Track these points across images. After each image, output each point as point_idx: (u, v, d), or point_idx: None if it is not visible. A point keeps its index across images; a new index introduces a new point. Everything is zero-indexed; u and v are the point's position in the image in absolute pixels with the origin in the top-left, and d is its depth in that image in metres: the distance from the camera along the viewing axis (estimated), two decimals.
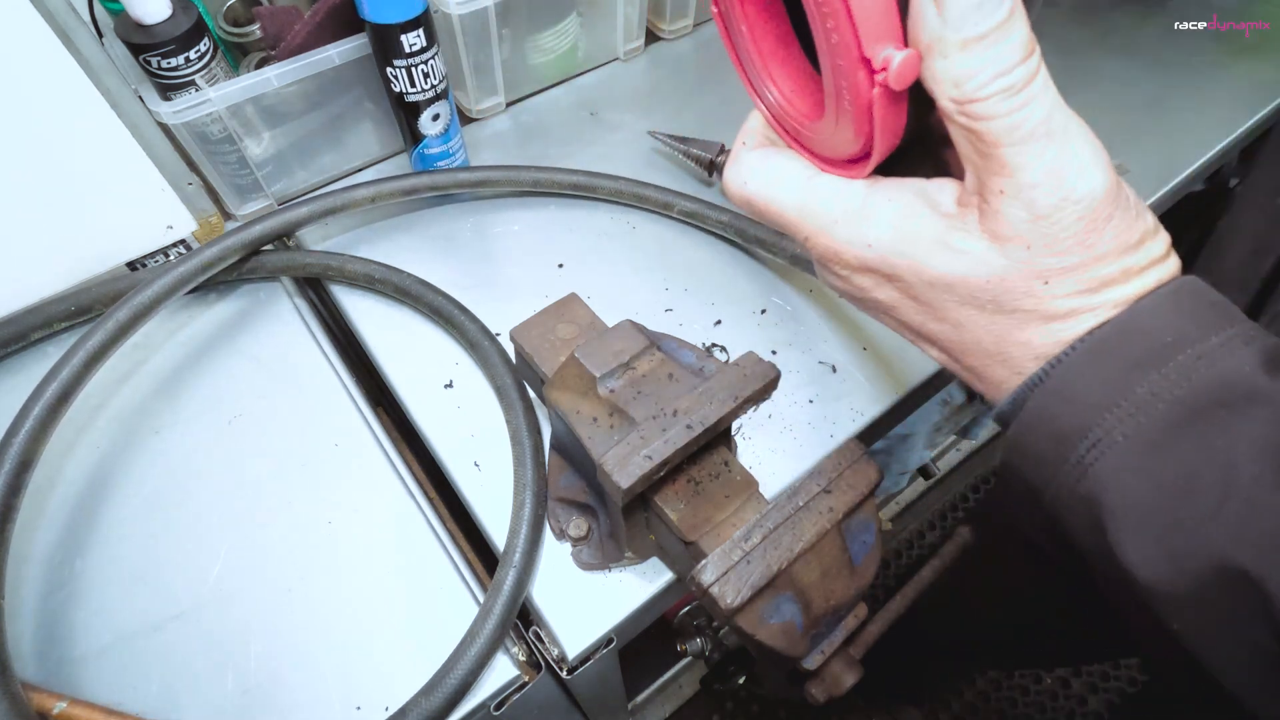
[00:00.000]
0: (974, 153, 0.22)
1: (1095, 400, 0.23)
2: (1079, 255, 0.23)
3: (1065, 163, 0.22)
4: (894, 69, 0.21)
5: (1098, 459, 0.23)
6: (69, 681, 0.44)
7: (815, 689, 0.43)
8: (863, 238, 0.26)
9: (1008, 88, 0.21)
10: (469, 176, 0.64)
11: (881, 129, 0.24)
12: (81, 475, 0.52)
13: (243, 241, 0.57)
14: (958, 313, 0.26)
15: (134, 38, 0.55)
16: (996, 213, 0.23)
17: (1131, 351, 0.23)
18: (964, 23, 0.20)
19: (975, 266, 0.24)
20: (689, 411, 0.39)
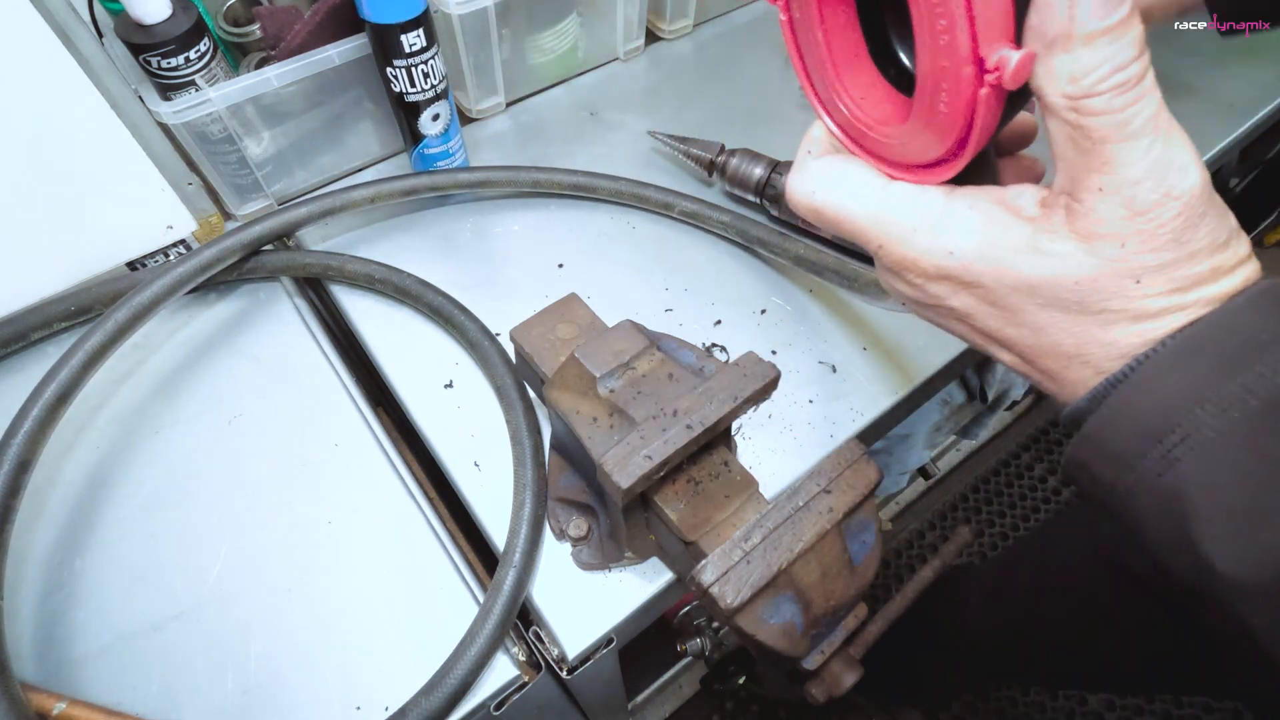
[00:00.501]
0: (1074, 150, 0.23)
1: (1185, 396, 0.23)
2: (1173, 252, 0.23)
3: (1169, 159, 0.22)
4: (1010, 69, 0.21)
5: (1186, 454, 0.23)
6: (69, 681, 0.44)
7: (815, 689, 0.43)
8: (944, 246, 0.26)
9: (1123, 82, 0.21)
10: (469, 177, 0.64)
11: (979, 131, 0.24)
12: (81, 475, 0.52)
13: (241, 242, 0.57)
14: (1039, 316, 0.26)
15: (134, 38, 0.55)
16: (1091, 210, 0.23)
17: (1224, 349, 0.23)
18: (1091, 17, 0.20)
19: (1065, 268, 0.24)
20: (689, 411, 0.39)
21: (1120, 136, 0.22)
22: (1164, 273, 0.23)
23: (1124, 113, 0.21)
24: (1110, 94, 0.21)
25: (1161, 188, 0.22)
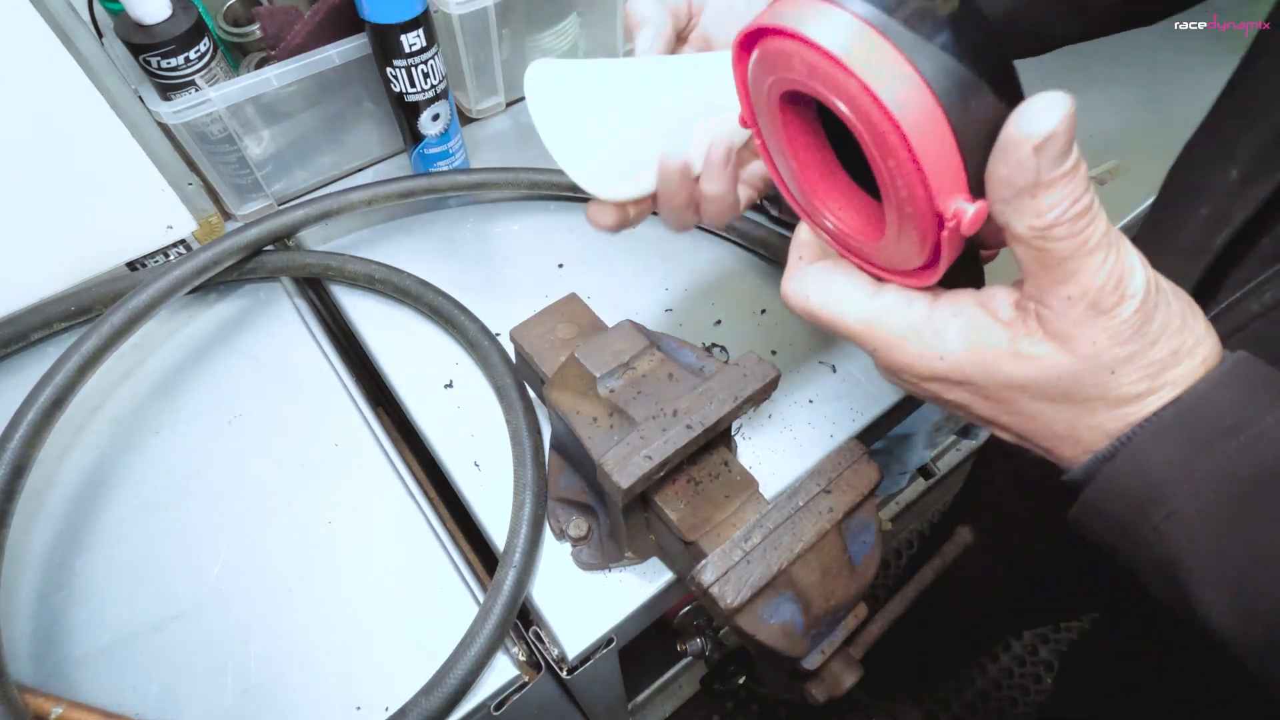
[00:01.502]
0: (1041, 268, 0.26)
1: (1167, 476, 0.27)
2: (1137, 344, 0.26)
3: (1122, 265, 0.25)
4: (967, 220, 0.24)
5: (1172, 528, 0.27)
6: (69, 682, 0.44)
7: (815, 689, 0.43)
8: (934, 351, 0.29)
9: (1081, 212, 0.24)
10: (467, 179, 0.64)
11: (947, 255, 0.27)
12: (81, 475, 0.52)
13: (238, 245, 0.57)
14: (1029, 406, 0.29)
15: (134, 38, 0.55)
16: (1062, 315, 0.26)
17: (1196, 432, 0.26)
18: (1054, 167, 0.23)
19: (1046, 367, 0.27)
20: (689, 411, 0.39)
21: (1082, 254, 0.24)
22: (1133, 362, 0.26)
23: (1082, 235, 0.24)
24: (1070, 223, 0.24)
25: (1119, 290, 0.25)
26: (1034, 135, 0.22)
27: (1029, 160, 0.23)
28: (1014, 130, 0.23)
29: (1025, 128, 0.22)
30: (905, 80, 0.23)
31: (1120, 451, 0.27)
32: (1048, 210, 0.24)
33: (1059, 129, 0.22)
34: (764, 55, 0.27)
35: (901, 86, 0.23)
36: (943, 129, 0.23)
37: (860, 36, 0.23)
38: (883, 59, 0.23)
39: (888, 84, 0.23)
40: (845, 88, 0.24)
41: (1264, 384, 0.27)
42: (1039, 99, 0.23)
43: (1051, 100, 0.23)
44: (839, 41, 0.23)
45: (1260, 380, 0.27)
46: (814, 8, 0.24)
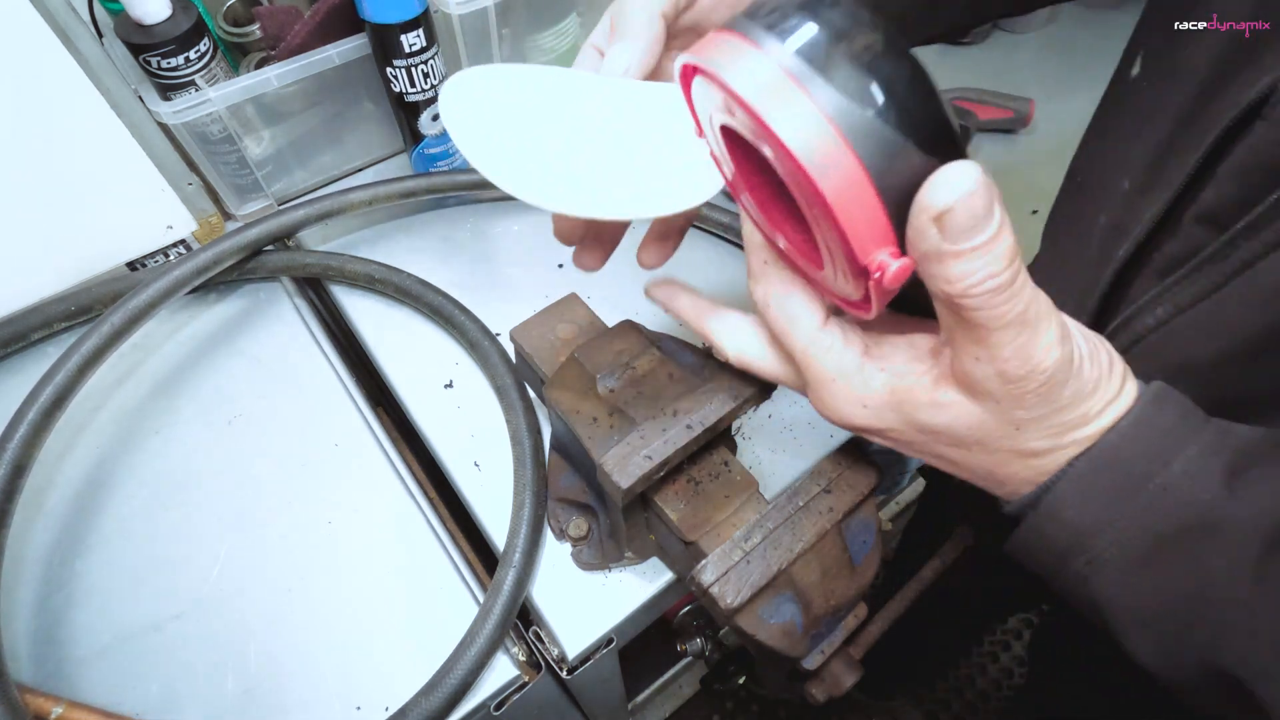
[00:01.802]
0: (955, 323, 0.26)
1: (1084, 526, 0.28)
2: (1042, 409, 0.27)
3: (1035, 344, 0.25)
4: (889, 275, 0.24)
5: (1093, 574, 0.28)
6: (69, 682, 0.44)
7: (815, 689, 0.43)
8: (859, 398, 0.30)
9: (995, 288, 0.24)
10: (467, 178, 0.64)
11: (878, 300, 0.27)
12: (81, 475, 0.52)
13: (238, 246, 0.56)
14: (950, 452, 0.30)
15: (134, 38, 0.55)
16: (970, 372, 0.27)
17: (1109, 483, 0.27)
18: (961, 238, 0.23)
19: (958, 417, 0.28)
20: (689, 411, 0.39)
21: (994, 326, 0.25)
22: (1038, 424, 0.27)
23: (996, 310, 0.24)
24: (984, 296, 0.24)
25: (1027, 365, 0.25)
26: (932, 207, 0.22)
27: (929, 229, 0.23)
28: (918, 198, 0.23)
29: (926, 197, 0.23)
30: (824, 137, 0.22)
31: (1042, 499, 0.28)
32: (958, 280, 0.24)
33: (958, 204, 0.22)
34: (699, 90, 0.27)
35: (820, 144, 0.22)
36: (864, 187, 0.23)
37: (779, 89, 0.22)
38: (802, 114, 0.22)
39: (806, 141, 0.22)
40: (758, 131, 0.23)
41: (1170, 429, 0.27)
42: (950, 169, 0.22)
43: (959, 171, 0.22)
44: (757, 92, 0.22)
45: (1167, 427, 0.27)
46: (736, 50, 0.23)
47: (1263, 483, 0.25)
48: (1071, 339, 0.27)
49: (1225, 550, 0.25)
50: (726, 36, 0.23)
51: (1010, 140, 0.77)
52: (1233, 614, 0.25)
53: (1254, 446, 0.26)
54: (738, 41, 0.23)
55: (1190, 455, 0.26)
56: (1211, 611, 0.25)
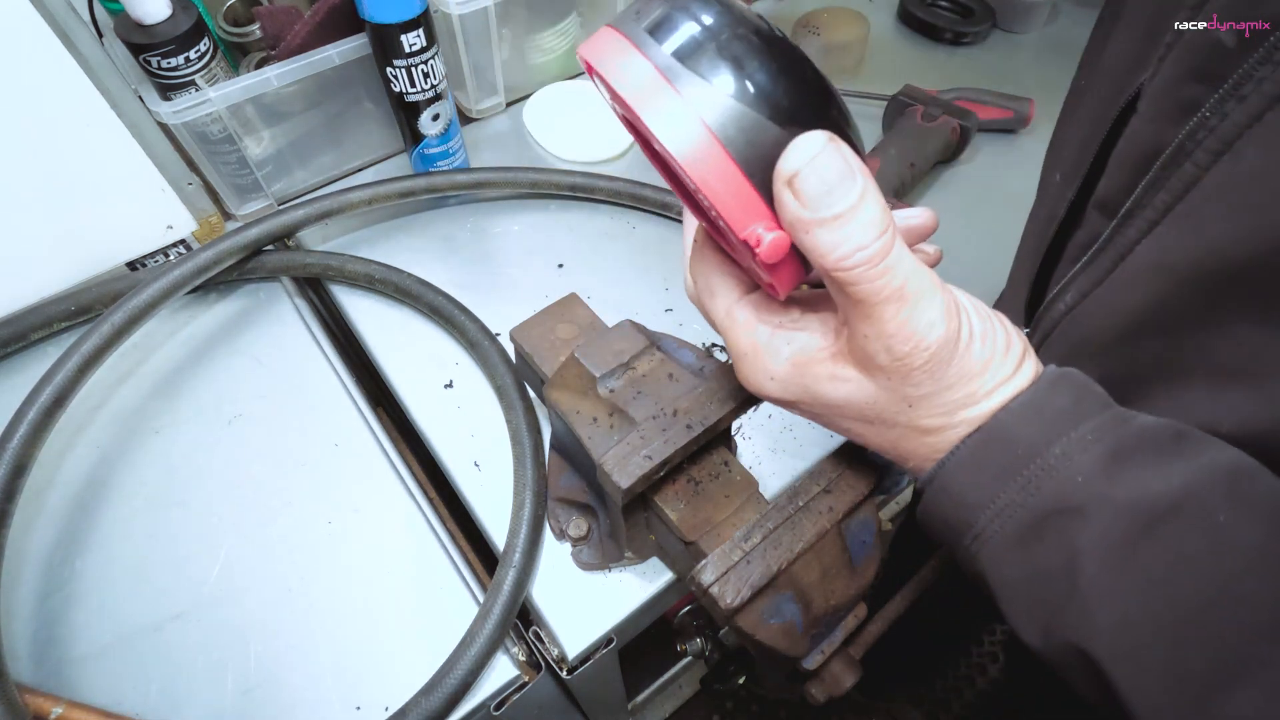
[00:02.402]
0: (844, 299, 0.27)
1: (971, 502, 0.28)
2: (930, 386, 0.28)
3: (916, 319, 0.26)
4: (764, 248, 0.25)
5: (980, 549, 0.29)
6: (69, 682, 0.44)
7: (815, 689, 0.43)
8: (767, 370, 0.31)
9: (868, 259, 0.24)
10: (466, 178, 0.64)
11: (778, 279, 0.28)
12: (81, 475, 0.52)
13: (237, 246, 0.56)
14: (854, 426, 0.31)
15: (134, 38, 0.55)
16: (862, 348, 0.27)
17: (994, 462, 0.28)
18: (819, 206, 0.24)
19: (855, 392, 0.29)
20: (689, 411, 0.39)
21: (875, 300, 0.25)
22: (927, 401, 0.28)
23: (875, 283, 0.25)
24: (859, 269, 0.25)
25: (911, 341, 0.26)
26: (784, 172, 0.24)
27: (784, 195, 0.24)
28: (777, 167, 0.24)
29: (780, 164, 0.24)
30: (688, 124, 0.24)
31: (938, 475, 0.29)
32: (829, 251, 0.24)
33: (805, 168, 0.23)
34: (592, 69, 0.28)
35: (684, 130, 0.24)
36: (729, 169, 0.24)
37: (648, 81, 0.24)
38: (667, 104, 0.24)
39: (672, 128, 0.24)
40: (637, 121, 0.25)
41: (1061, 411, 0.28)
42: (802, 138, 0.24)
43: (807, 138, 0.23)
44: (631, 85, 0.24)
45: (1060, 406, 0.28)
46: (614, 47, 0.25)
47: (1141, 470, 0.26)
48: (960, 315, 0.27)
49: (1093, 533, 0.26)
50: (610, 34, 0.25)
51: (1010, 140, 0.77)
52: (1095, 597, 0.26)
53: (1146, 434, 0.27)
54: (618, 39, 0.25)
55: (1073, 438, 0.27)
56: (1078, 593, 0.26)
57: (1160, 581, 0.25)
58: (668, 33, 0.24)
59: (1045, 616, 0.27)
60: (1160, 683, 0.24)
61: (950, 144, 0.71)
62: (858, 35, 0.81)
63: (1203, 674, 0.24)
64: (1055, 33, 0.88)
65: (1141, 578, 0.25)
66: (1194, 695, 0.24)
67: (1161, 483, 0.25)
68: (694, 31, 0.24)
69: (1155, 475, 0.26)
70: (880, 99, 0.76)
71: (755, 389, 0.32)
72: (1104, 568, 0.25)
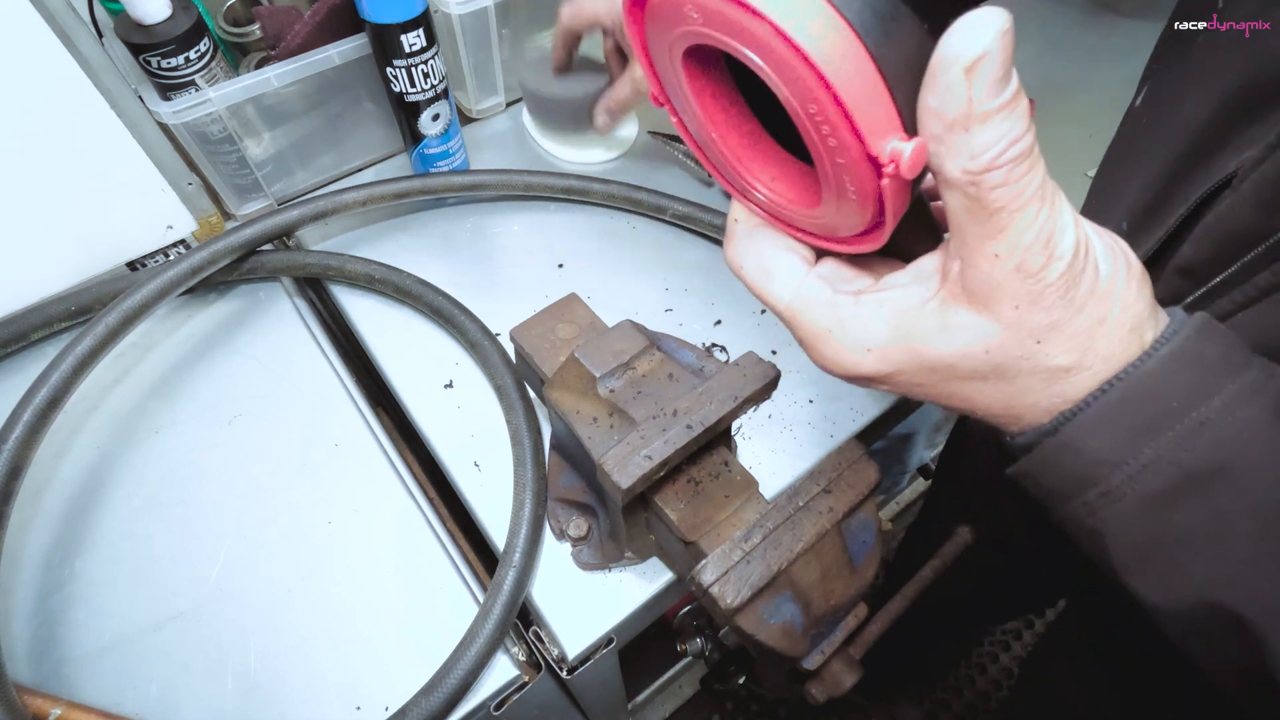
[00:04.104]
0: (970, 219, 0.24)
1: (1105, 457, 0.26)
2: (1062, 310, 0.25)
3: (1054, 222, 0.23)
4: (906, 160, 0.22)
5: (1105, 507, 0.26)
6: (69, 682, 0.44)
7: (815, 689, 0.43)
8: (860, 343, 0.28)
9: (1019, 155, 0.22)
10: (462, 180, 0.64)
11: (893, 210, 0.24)
12: (81, 475, 0.52)
13: (231, 246, 0.56)
14: (963, 388, 0.28)
15: (134, 38, 0.55)
16: (987, 276, 0.24)
17: (1139, 416, 0.25)
18: (991, 96, 0.21)
19: (972, 339, 0.26)
20: (689, 411, 0.39)
21: (1016, 205, 0.23)
22: (1059, 331, 0.25)
23: (1019, 183, 0.22)
24: (1008, 166, 0.22)
25: (1048, 250, 0.24)
26: (964, 56, 0.20)
27: (959, 86, 0.21)
28: (943, 52, 0.20)
29: (954, 48, 0.20)
30: (815, 11, 0.20)
31: (1063, 427, 0.27)
32: (982, 150, 0.22)
33: (993, 47, 0.20)
34: (655, 9, 0.24)
35: (812, 19, 0.20)
36: (864, 62, 0.21)
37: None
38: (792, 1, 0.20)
39: (796, 18, 0.20)
40: (750, 31, 0.21)
41: (1213, 362, 0.26)
42: (968, 16, 0.20)
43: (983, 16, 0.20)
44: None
45: (1211, 359, 0.26)
46: None
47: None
48: (1082, 223, 0.25)
49: (1257, 492, 0.24)
50: None
51: None
52: (1255, 557, 0.24)
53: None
54: None
55: (1231, 392, 0.25)
56: (1226, 550, 0.25)
57: None
58: None
59: (1176, 575, 0.26)
60: None
61: None
62: None
63: None
64: (1055, 33, 0.88)
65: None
66: None
67: None
68: None
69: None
70: None
71: (847, 369, 0.29)
72: (1266, 527, 0.24)
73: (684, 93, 0.27)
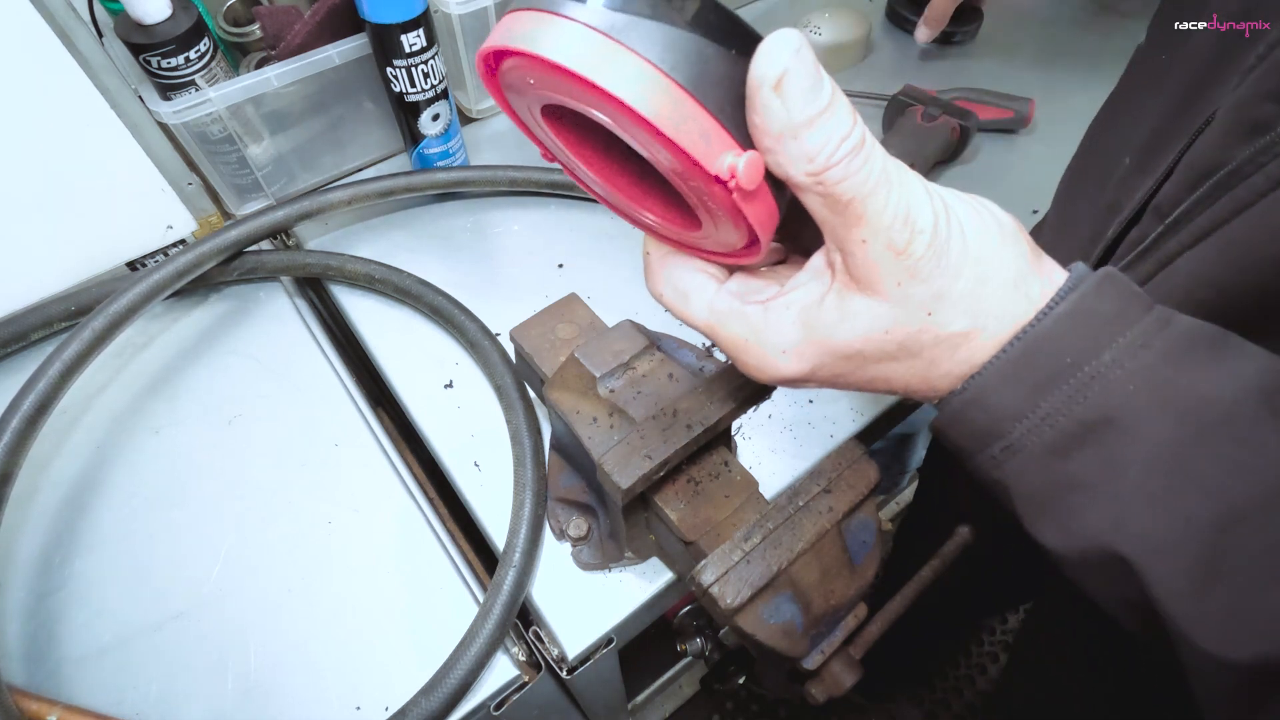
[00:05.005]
0: (831, 213, 0.25)
1: (1007, 413, 0.27)
2: (940, 279, 0.26)
3: (906, 197, 0.25)
4: (742, 174, 0.24)
5: (1008, 459, 0.28)
6: (68, 682, 0.44)
7: (815, 689, 0.43)
8: (776, 348, 0.29)
9: (853, 147, 0.24)
10: (445, 177, 0.64)
11: (757, 221, 0.26)
12: (81, 475, 0.52)
13: (217, 248, 0.56)
14: (880, 371, 0.29)
15: (134, 38, 0.55)
16: (864, 261, 0.26)
17: (1037, 372, 0.27)
18: (805, 105, 0.23)
19: (870, 323, 0.27)
20: (689, 411, 0.39)
21: (864, 192, 0.24)
22: (944, 299, 0.27)
23: (861, 173, 0.24)
24: (845, 161, 0.24)
25: (909, 225, 0.25)
26: (769, 76, 0.22)
27: (773, 102, 0.23)
28: (750, 75, 0.23)
29: (759, 70, 0.23)
30: (633, 68, 0.23)
31: (968, 388, 0.28)
32: (816, 152, 0.23)
33: (792, 64, 0.22)
34: (504, 78, 0.27)
35: (631, 75, 0.23)
36: (683, 100, 0.23)
37: (582, 40, 0.23)
38: (607, 55, 0.23)
39: (618, 78, 0.23)
40: (583, 95, 0.24)
41: (1108, 315, 0.27)
42: (766, 41, 0.23)
43: (778, 39, 0.23)
44: (564, 50, 0.23)
45: (1106, 311, 0.27)
46: (537, 23, 0.24)
47: (1190, 376, 0.25)
48: (937, 194, 0.27)
49: (1142, 442, 0.25)
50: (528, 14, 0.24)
51: (1010, 140, 0.77)
52: (1138, 503, 0.26)
53: (1194, 337, 0.26)
54: (540, 15, 0.24)
55: (1122, 345, 0.26)
56: (1118, 500, 0.26)
57: (1206, 488, 0.25)
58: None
59: (1071, 521, 0.27)
60: (1203, 581, 0.25)
61: (950, 144, 0.71)
62: (858, 35, 0.81)
63: (1251, 571, 0.24)
64: (1055, 33, 0.88)
65: (1189, 484, 0.25)
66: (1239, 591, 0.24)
67: (1211, 388, 0.25)
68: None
69: (1205, 380, 0.25)
70: (880, 99, 0.76)
71: (770, 375, 0.30)
72: (1150, 475, 0.25)
73: (553, 140, 0.29)
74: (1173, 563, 0.25)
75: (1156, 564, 0.25)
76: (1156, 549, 0.25)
